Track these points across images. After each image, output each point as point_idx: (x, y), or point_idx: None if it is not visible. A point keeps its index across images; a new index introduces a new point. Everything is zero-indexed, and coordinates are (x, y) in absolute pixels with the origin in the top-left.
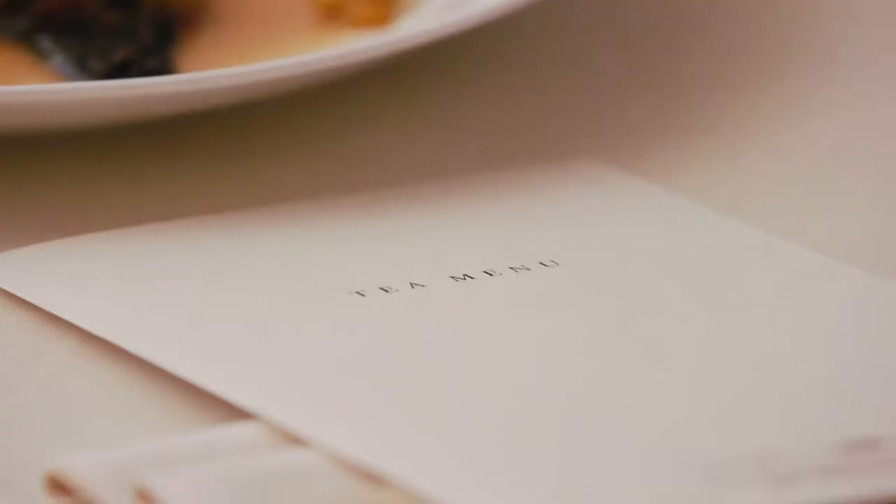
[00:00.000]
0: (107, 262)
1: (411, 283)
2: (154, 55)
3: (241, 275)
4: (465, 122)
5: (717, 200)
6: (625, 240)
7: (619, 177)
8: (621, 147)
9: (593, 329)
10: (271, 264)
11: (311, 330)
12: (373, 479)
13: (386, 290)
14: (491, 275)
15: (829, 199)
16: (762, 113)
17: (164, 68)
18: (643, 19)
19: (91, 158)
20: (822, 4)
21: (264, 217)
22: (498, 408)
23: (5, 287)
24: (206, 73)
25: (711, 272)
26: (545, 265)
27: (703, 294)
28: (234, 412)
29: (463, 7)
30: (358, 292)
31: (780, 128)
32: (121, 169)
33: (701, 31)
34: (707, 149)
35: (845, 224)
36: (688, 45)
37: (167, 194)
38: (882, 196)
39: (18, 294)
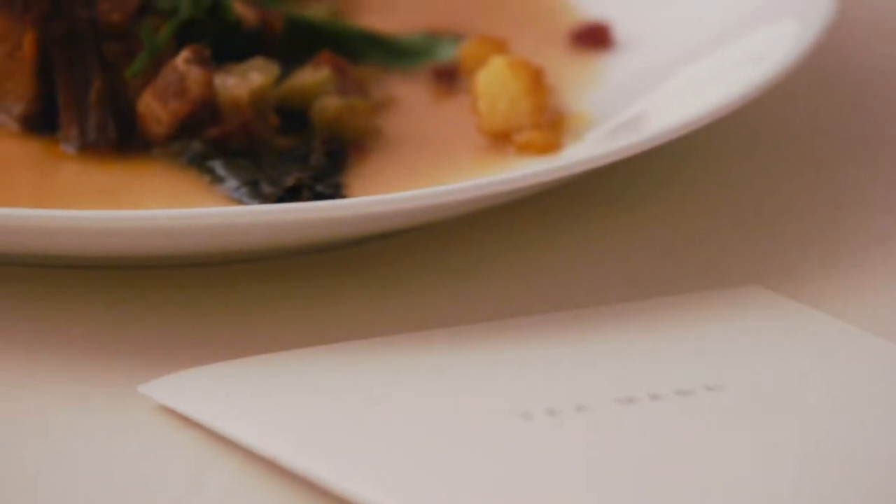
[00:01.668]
0: (272, 383)
1: (577, 406)
2: (325, 180)
3: (407, 396)
4: (630, 246)
5: (884, 328)
6: (790, 365)
7: (783, 303)
8: (784, 273)
9: (760, 454)
10: (438, 386)
11: (480, 452)
12: None
13: (551, 413)
14: (656, 398)
15: None
16: None
17: (334, 193)
18: (808, 144)
19: (258, 281)
20: None
21: (429, 340)
22: None
23: (174, 407)
24: (376, 198)
25: (878, 399)
26: (710, 389)
27: (871, 421)
28: None
29: (630, 132)
30: (524, 414)
31: None
32: (287, 291)
33: (876, 157)
34: (873, 276)
35: None
36: (856, 173)
37: (331, 316)
38: None
39: (186, 413)
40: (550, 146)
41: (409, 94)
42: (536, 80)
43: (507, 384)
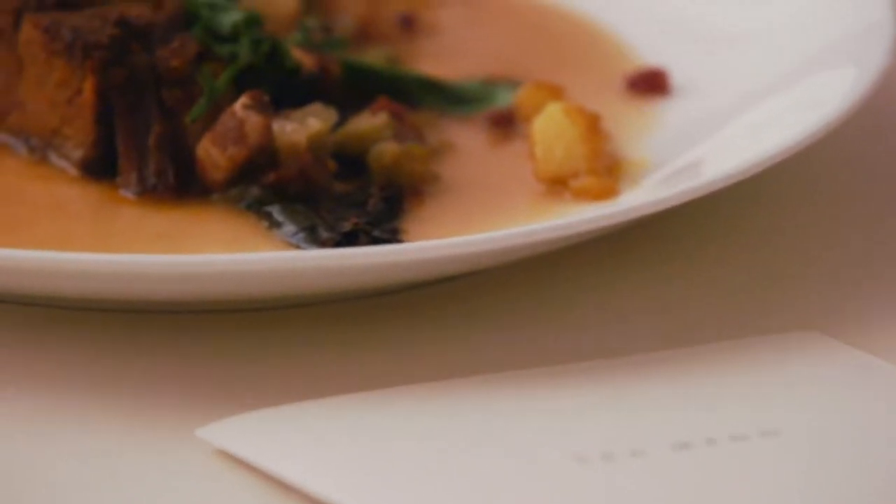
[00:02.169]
0: (330, 427)
1: (632, 451)
2: (382, 225)
3: (464, 440)
4: (687, 292)
5: None
6: (847, 412)
7: (841, 349)
8: (842, 319)
9: (815, 501)
10: (495, 430)
11: (535, 495)
12: None
13: (607, 457)
14: (712, 444)
15: None
16: None
17: (392, 238)
18: (865, 189)
19: (315, 325)
20: None
21: (485, 384)
22: None
23: (231, 451)
24: (433, 243)
25: None
26: (766, 435)
27: None
28: None
29: (687, 178)
30: (579, 458)
31: None
32: (344, 336)
33: None
34: None
35: None
36: None
37: (387, 360)
38: None
39: (243, 457)
40: (607, 192)
41: (465, 140)
42: (593, 126)
43: (563, 428)
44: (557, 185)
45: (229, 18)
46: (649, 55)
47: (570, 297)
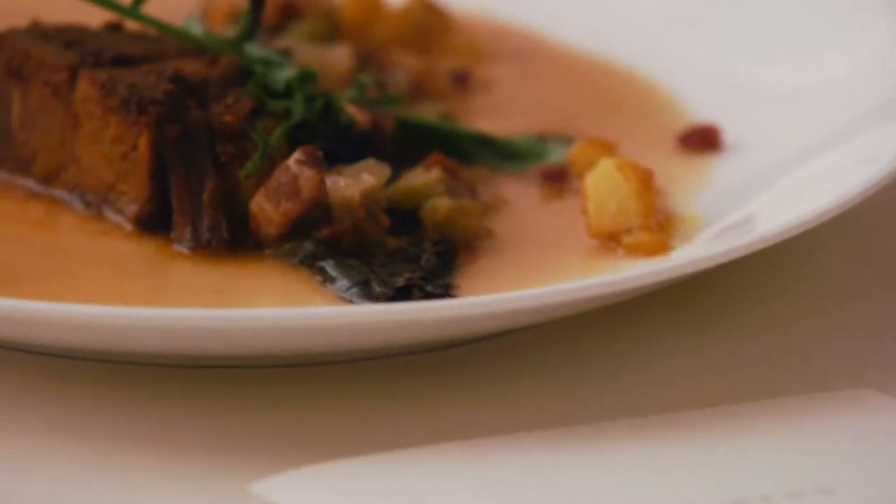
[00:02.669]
0: (384, 483)
1: None
2: (435, 280)
3: (520, 494)
4: (740, 348)
5: None
6: None
7: (895, 406)
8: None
9: None
10: (544, 486)
11: None
12: None
13: None
14: (767, 501)
15: None
16: None
17: (445, 293)
18: None
19: (367, 380)
20: None
21: (537, 440)
22: None
23: None
24: (486, 298)
25: None
26: (822, 492)
27: None
28: None
29: (739, 234)
30: None
31: None
32: (396, 390)
33: None
34: None
35: None
36: None
37: (445, 415)
38: None
39: None
40: (659, 248)
41: (518, 196)
42: (645, 182)
43: (612, 484)
44: (610, 240)
45: (284, 75)
46: (702, 111)
47: (622, 352)
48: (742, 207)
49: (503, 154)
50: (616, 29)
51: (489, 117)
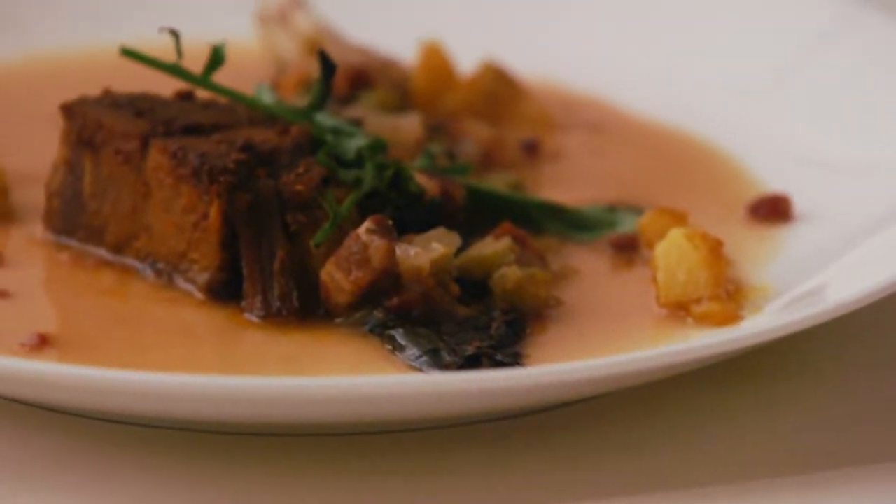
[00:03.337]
0: None
1: None
2: (505, 349)
3: None
4: (811, 417)
5: None
6: None
7: None
8: None
9: None
10: None
11: None
12: None
13: None
14: None
15: None
16: None
17: (514, 362)
18: None
19: (437, 448)
20: None
21: None
22: None
23: None
24: (556, 367)
25: None
26: None
27: None
28: None
29: (809, 304)
30: None
31: None
32: (470, 459)
33: None
34: None
35: None
36: None
37: (517, 484)
38: None
39: None
40: (729, 318)
41: (588, 265)
42: (715, 252)
43: None
44: (680, 310)
45: (354, 144)
46: (772, 181)
47: (685, 424)
48: (812, 278)
49: (573, 223)
50: (687, 99)
51: (559, 187)
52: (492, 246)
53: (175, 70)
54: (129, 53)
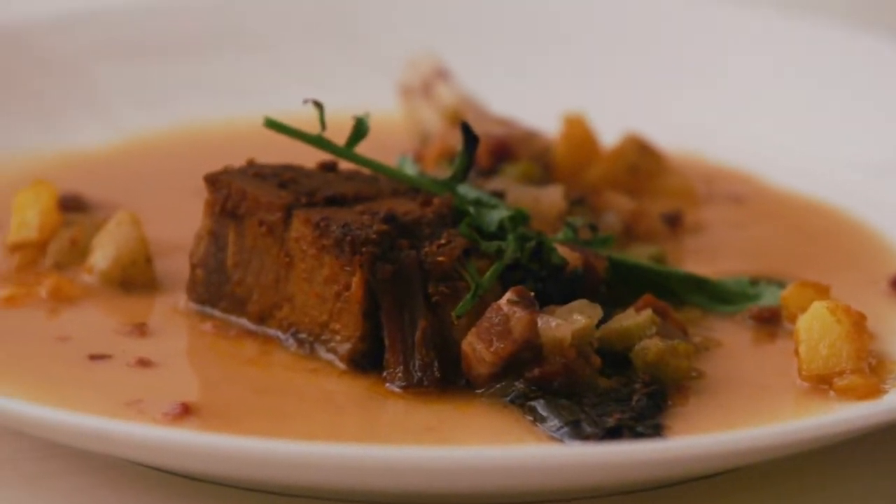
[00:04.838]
0: None
1: None
2: (645, 421)
3: None
4: None
5: None
6: None
7: None
8: None
9: None
10: None
11: None
12: None
13: None
14: None
15: None
16: None
17: (655, 433)
18: None
19: None
20: None
21: None
22: None
23: None
24: (698, 439)
25: None
26: None
27: None
28: None
29: None
30: None
31: None
32: None
33: None
34: None
35: None
36: None
37: None
38: None
39: None
40: (872, 391)
41: (730, 338)
42: (858, 325)
43: None
44: (822, 383)
45: (497, 216)
46: None
47: (829, 495)
48: None
49: (715, 296)
50: (829, 171)
51: (701, 259)
52: (633, 318)
53: (318, 141)
54: (272, 125)
